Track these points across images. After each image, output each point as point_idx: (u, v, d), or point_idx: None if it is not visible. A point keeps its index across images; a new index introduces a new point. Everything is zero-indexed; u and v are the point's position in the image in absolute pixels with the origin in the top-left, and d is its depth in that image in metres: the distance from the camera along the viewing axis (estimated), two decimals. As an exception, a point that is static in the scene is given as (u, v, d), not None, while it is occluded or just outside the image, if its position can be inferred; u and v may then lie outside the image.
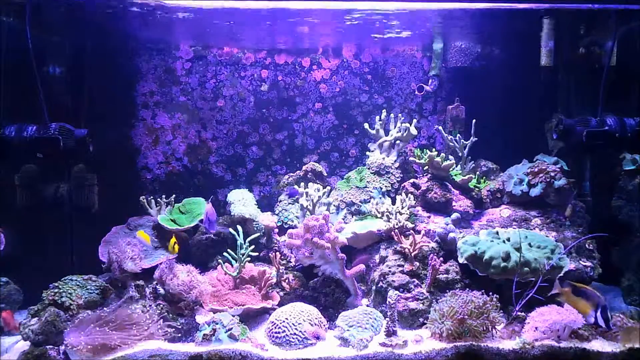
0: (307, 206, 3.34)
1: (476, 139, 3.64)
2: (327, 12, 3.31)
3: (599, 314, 2.46)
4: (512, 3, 3.16)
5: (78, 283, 2.85)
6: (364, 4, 3.12)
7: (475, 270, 2.90)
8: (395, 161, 3.78)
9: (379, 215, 3.28)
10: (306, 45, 4.12)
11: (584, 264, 3.02)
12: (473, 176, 3.59)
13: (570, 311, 2.60)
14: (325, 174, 3.96)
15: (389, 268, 2.98)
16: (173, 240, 3.17)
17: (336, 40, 4.06)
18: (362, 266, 3.07)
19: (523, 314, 2.70)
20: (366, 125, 3.86)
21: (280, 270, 3.16)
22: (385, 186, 3.66)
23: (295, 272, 3.23)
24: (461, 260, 2.96)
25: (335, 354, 2.49)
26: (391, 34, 3.74)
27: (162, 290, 2.96)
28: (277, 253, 3.30)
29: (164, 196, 3.64)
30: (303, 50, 4.14)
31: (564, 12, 3.31)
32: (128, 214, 3.60)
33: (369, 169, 3.78)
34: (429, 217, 3.38)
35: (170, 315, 2.78)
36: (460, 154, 3.70)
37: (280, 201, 3.76)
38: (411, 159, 3.65)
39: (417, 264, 3.00)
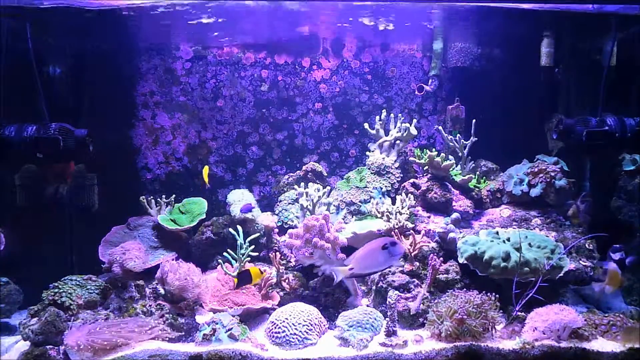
0: (307, 206, 3.34)
1: (476, 139, 3.64)
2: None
3: (614, 255, 2.73)
4: (512, 3, 3.16)
5: (78, 283, 2.85)
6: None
7: (475, 270, 2.90)
8: (395, 161, 3.78)
9: (379, 215, 3.28)
10: (306, 45, 4.12)
11: (584, 264, 3.02)
12: (473, 176, 3.59)
13: (570, 311, 2.60)
14: (325, 174, 3.96)
15: (389, 268, 2.98)
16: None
17: (337, 39, 4.07)
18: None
19: (523, 314, 2.70)
20: (366, 125, 3.86)
21: (280, 270, 3.16)
22: (385, 186, 3.66)
23: (295, 272, 3.23)
24: (461, 260, 2.96)
25: (335, 354, 2.49)
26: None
27: (162, 290, 2.96)
28: (277, 253, 3.30)
29: (164, 196, 3.64)
30: (303, 50, 4.13)
31: (564, 12, 3.31)
32: (128, 214, 3.60)
33: (369, 169, 3.78)
34: (429, 217, 3.38)
35: (171, 315, 2.78)
36: (460, 154, 3.70)
37: (280, 201, 3.76)
38: (411, 159, 3.65)
39: (417, 264, 3.00)
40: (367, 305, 2.95)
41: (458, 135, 3.79)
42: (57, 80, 3.70)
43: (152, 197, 3.61)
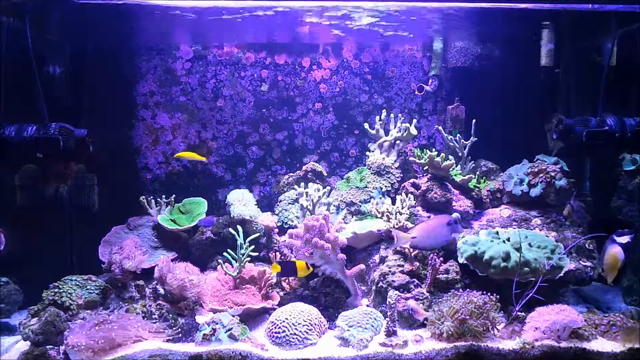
0: (307, 206, 3.34)
1: (476, 139, 3.64)
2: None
3: (620, 238, 2.74)
4: (512, 3, 3.16)
5: (78, 283, 2.85)
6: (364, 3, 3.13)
7: (475, 270, 2.90)
8: (395, 161, 3.78)
9: (379, 215, 3.28)
10: (306, 45, 4.12)
11: (584, 263, 3.02)
12: (473, 176, 3.59)
13: (570, 311, 2.60)
14: (325, 174, 3.96)
15: (389, 268, 2.98)
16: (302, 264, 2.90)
17: (336, 40, 4.06)
18: (362, 266, 3.07)
19: (523, 314, 2.70)
20: (366, 125, 3.86)
21: (280, 270, 3.16)
22: (385, 186, 3.66)
23: (295, 272, 3.23)
24: (461, 260, 2.96)
25: (335, 354, 2.49)
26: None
27: (162, 290, 2.96)
28: (277, 253, 3.30)
29: (164, 196, 3.64)
30: (303, 50, 4.13)
31: (564, 12, 3.31)
32: (128, 214, 3.60)
33: (369, 169, 3.78)
34: (429, 217, 3.37)
35: (170, 315, 2.78)
36: (460, 154, 3.70)
37: (280, 201, 3.76)
38: (411, 159, 3.65)
39: (417, 264, 3.00)
40: (367, 305, 2.96)
41: (458, 135, 3.79)
42: (57, 79, 3.70)
43: (152, 197, 3.61)
